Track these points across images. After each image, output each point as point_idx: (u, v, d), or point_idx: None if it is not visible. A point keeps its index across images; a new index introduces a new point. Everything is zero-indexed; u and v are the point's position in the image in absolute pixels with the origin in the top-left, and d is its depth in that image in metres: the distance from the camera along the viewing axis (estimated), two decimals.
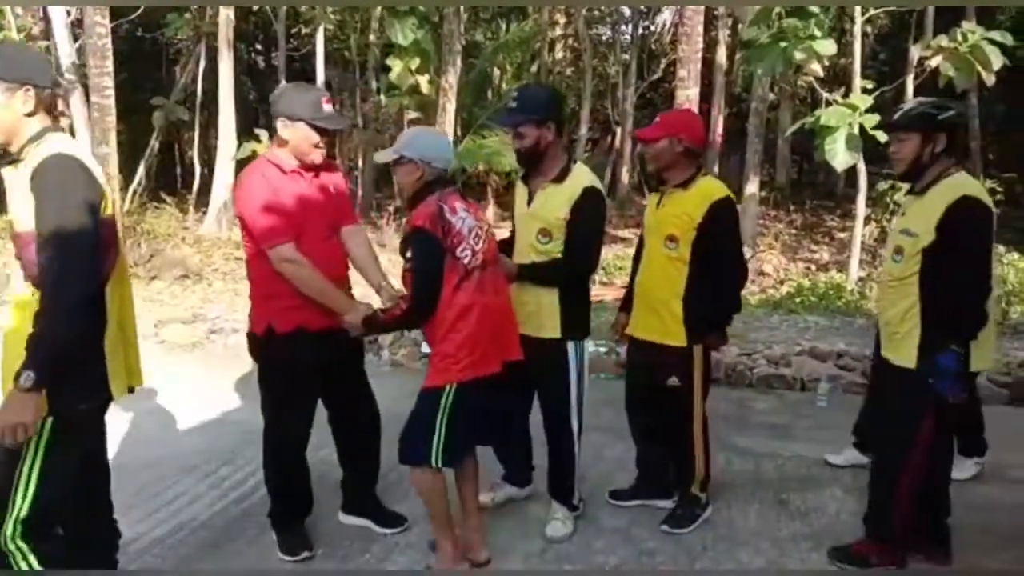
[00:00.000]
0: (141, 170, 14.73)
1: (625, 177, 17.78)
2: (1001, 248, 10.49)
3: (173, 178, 18.65)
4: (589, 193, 3.21)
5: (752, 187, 11.42)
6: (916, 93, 11.71)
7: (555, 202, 3.22)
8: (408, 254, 2.90)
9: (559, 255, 3.23)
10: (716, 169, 15.72)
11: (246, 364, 6.02)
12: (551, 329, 3.27)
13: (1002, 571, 3.20)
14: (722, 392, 5.50)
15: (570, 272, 3.28)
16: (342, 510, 3.54)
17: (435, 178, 2.94)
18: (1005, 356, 5.91)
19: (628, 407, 3.71)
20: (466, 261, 2.87)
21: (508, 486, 3.71)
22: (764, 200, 14.26)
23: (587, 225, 3.22)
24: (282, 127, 3.02)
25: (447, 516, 3.03)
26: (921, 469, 3.01)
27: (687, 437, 3.46)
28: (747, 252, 10.59)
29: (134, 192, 13.99)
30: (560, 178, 3.24)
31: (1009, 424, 4.88)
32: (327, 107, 3.06)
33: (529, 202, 3.33)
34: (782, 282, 9.95)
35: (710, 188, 3.34)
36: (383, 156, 3.04)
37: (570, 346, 3.31)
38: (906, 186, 3.29)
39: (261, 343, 3.15)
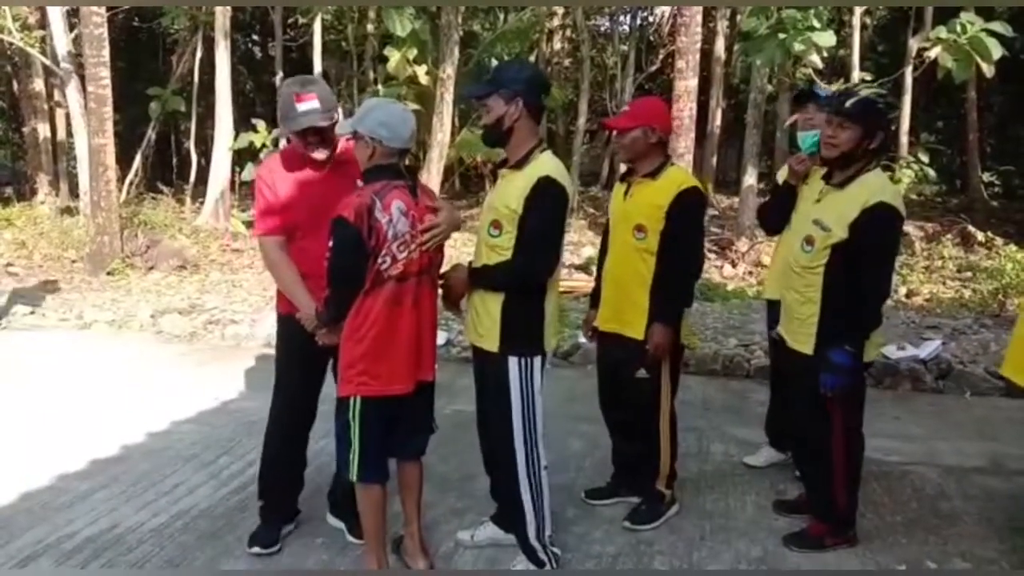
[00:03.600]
0: (138, 161, 14.68)
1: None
2: (999, 240, 10.51)
3: (169, 169, 18.60)
4: (543, 184, 2.79)
5: (750, 179, 11.40)
6: (915, 85, 11.72)
7: (508, 191, 2.87)
8: (329, 244, 2.68)
9: (509, 251, 2.86)
10: (714, 161, 15.73)
11: (243, 354, 6.04)
12: (489, 339, 2.91)
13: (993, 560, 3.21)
14: (720, 383, 5.52)
15: (517, 276, 2.87)
16: (329, 511, 3.44)
17: (388, 160, 2.73)
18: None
19: (601, 403, 3.65)
20: (383, 267, 2.68)
21: (492, 526, 3.28)
22: (762, 192, 14.22)
23: (537, 221, 2.81)
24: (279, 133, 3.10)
25: (376, 533, 2.92)
26: (847, 447, 3.15)
27: (654, 432, 3.39)
28: (745, 244, 10.62)
29: (131, 183, 13.95)
30: (520, 165, 2.88)
31: (1006, 416, 4.90)
32: (300, 105, 2.91)
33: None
34: None
35: (679, 177, 3.29)
36: (342, 128, 2.82)
37: (512, 362, 2.89)
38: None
39: (277, 321, 3.27)
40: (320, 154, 2.99)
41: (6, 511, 3.51)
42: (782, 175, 3.62)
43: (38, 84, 14.54)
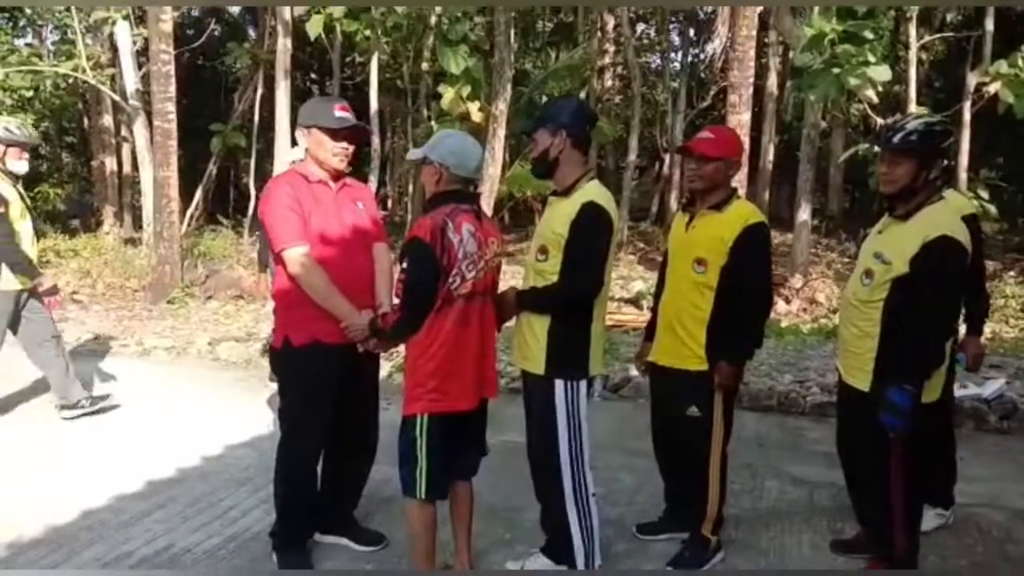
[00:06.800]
0: (199, 194, 15.12)
1: (674, 204, 17.68)
2: None
3: (229, 202, 19.11)
4: (587, 209, 2.87)
5: (804, 214, 11.23)
6: (974, 120, 11.48)
7: (555, 217, 2.96)
8: (404, 264, 2.79)
9: (554, 275, 2.93)
10: (766, 196, 15.57)
11: None
12: (535, 362, 2.97)
13: None
14: (776, 419, 5.42)
15: (563, 298, 2.94)
16: (317, 530, 3.46)
17: (454, 186, 2.85)
18: None
19: (653, 438, 3.57)
20: (453, 287, 2.76)
21: (542, 558, 3.23)
22: (816, 228, 14.03)
23: (581, 245, 2.88)
24: (301, 137, 3.18)
25: (427, 553, 2.93)
26: (906, 487, 3.01)
27: (702, 473, 3.26)
28: (799, 280, 10.46)
29: (191, 215, 14.37)
30: (568, 192, 2.97)
31: None
32: (340, 113, 3.13)
33: None
34: (834, 311, 9.73)
35: (745, 211, 3.19)
36: (413, 154, 2.97)
37: (558, 385, 2.94)
38: None
39: (279, 356, 3.22)
40: (341, 163, 3.16)
41: (68, 529, 3.60)
42: None
43: (107, 120, 15.17)
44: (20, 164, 4.79)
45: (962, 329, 3.55)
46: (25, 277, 4.69)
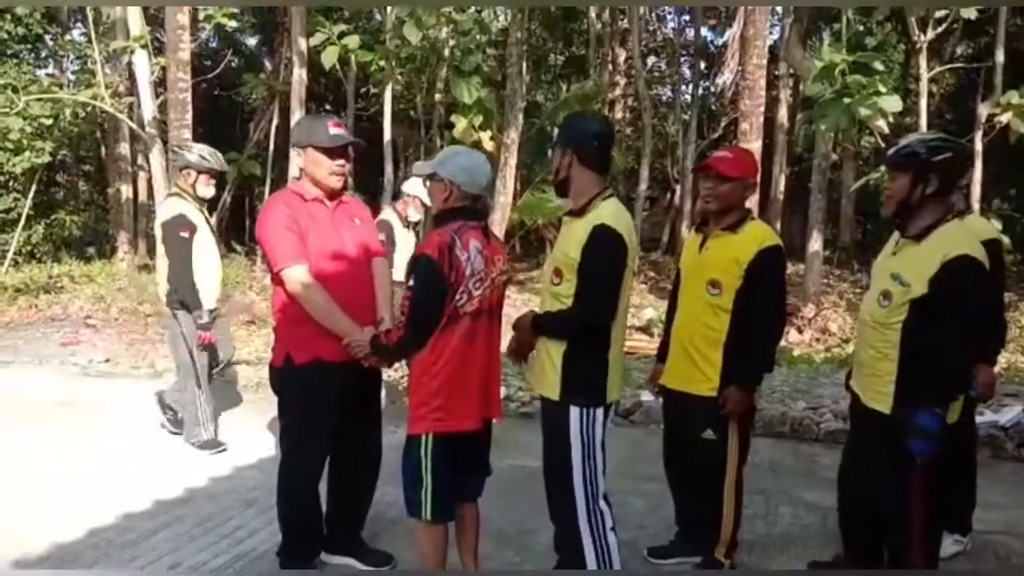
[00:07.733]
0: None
1: (685, 234, 17.70)
2: None
3: (243, 230, 19.25)
4: (598, 232, 2.77)
5: (815, 245, 11.21)
6: (986, 151, 11.48)
7: (568, 239, 2.89)
8: (410, 281, 2.78)
9: (570, 299, 2.84)
10: (778, 226, 15.56)
11: None
12: (550, 388, 2.89)
13: None
14: (789, 446, 5.36)
15: (576, 324, 2.86)
16: (324, 549, 3.41)
17: (463, 203, 2.84)
18: None
19: (665, 461, 3.54)
20: (459, 304, 2.74)
21: None
22: (828, 259, 14.00)
23: (592, 270, 2.79)
24: (296, 156, 3.20)
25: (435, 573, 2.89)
26: (927, 511, 2.91)
27: (717, 496, 3.22)
28: (811, 310, 10.40)
29: None
30: (581, 212, 2.88)
31: None
32: (334, 130, 3.11)
33: None
34: (847, 340, 9.66)
35: (761, 233, 3.16)
36: (421, 168, 2.96)
37: (574, 412, 2.85)
38: None
39: (280, 374, 3.19)
40: (338, 182, 3.16)
41: (74, 547, 3.59)
42: None
43: (124, 148, 15.37)
44: (208, 189, 5.06)
45: None
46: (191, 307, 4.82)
